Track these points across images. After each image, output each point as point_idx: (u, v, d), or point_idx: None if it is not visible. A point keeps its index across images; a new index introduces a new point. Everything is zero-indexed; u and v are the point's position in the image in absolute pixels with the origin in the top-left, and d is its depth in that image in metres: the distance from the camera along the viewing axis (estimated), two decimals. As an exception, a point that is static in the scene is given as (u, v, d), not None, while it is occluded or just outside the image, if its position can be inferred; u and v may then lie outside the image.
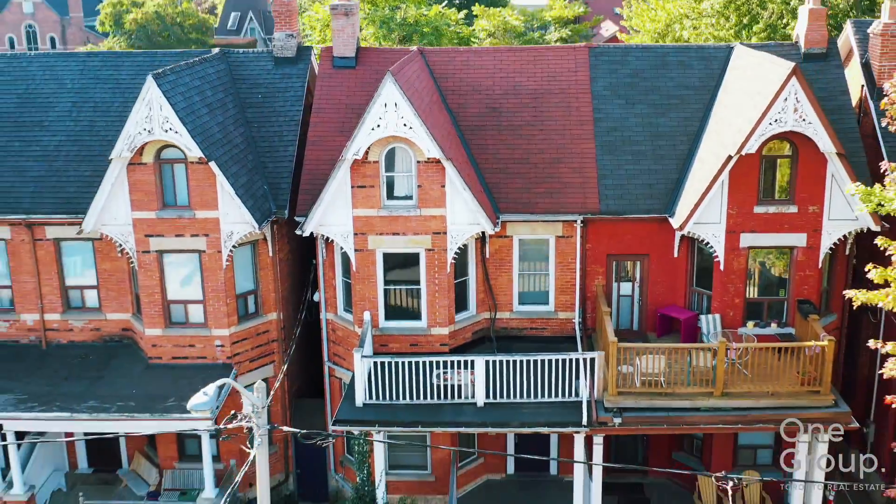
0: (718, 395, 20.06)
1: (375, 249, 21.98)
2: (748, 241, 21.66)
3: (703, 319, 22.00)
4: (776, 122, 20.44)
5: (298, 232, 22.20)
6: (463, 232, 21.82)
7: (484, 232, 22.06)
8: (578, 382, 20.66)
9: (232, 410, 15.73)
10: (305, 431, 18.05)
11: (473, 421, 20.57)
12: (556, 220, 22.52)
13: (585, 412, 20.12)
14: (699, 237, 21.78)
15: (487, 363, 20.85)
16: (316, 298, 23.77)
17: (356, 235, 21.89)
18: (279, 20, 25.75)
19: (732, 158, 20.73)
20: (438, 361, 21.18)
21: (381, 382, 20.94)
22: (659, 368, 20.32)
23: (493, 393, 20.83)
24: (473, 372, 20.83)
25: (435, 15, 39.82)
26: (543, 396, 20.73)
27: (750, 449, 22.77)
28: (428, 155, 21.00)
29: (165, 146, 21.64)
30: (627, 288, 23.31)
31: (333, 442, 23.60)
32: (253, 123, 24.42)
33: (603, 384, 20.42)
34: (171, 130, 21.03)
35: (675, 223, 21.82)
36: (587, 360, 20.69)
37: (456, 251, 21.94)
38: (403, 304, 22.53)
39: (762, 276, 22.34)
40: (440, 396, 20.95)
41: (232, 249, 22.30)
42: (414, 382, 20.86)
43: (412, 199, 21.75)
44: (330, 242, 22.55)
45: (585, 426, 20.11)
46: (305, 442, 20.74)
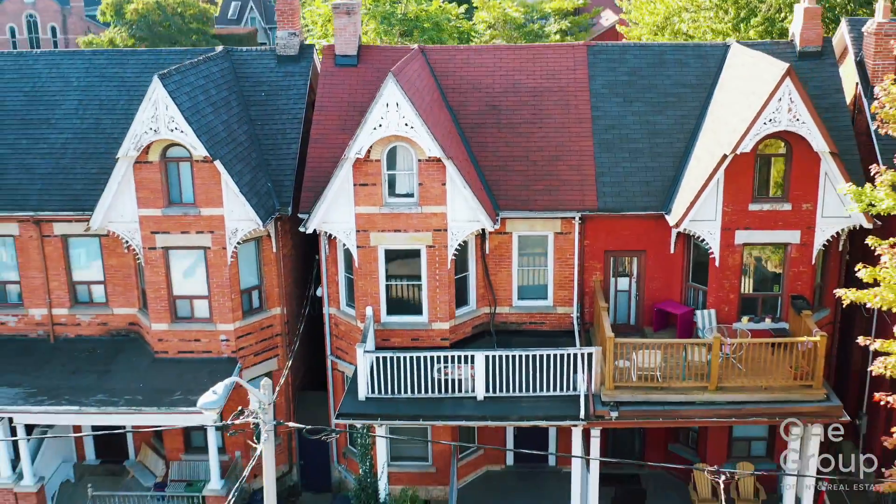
0: (713, 389, 20.47)
1: (377, 246, 22.32)
2: (743, 237, 22.01)
3: (698, 314, 22.40)
4: (770, 121, 20.75)
5: (302, 229, 22.52)
6: (463, 229, 22.17)
7: (484, 228, 22.40)
8: (576, 377, 21.06)
9: (238, 406, 16.00)
10: (311, 427, 18.41)
11: (473, 414, 20.99)
12: (554, 216, 22.86)
13: (583, 406, 20.53)
14: (695, 234, 22.13)
15: (487, 358, 21.24)
16: (319, 294, 24.17)
17: (358, 232, 22.23)
18: (282, 18, 26.03)
19: (728, 157, 21.05)
20: (439, 356, 21.59)
21: (382, 377, 21.37)
22: (655, 363, 20.72)
23: (492, 387, 21.24)
24: (473, 366, 21.25)
25: (435, 10, 40.05)
26: (542, 390, 21.14)
27: (744, 441, 23.13)
28: (429, 154, 21.32)
29: (171, 145, 21.95)
30: (625, 283, 23.66)
31: (337, 436, 24.03)
32: (256, 121, 24.74)
33: (600, 378, 20.83)
34: (176, 130, 21.34)
35: (671, 220, 22.17)
36: (585, 354, 21.11)
37: (456, 247, 22.29)
38: (405, 299, 22.89)
39: (757, 272, 22.71)
40: (441, 390, 21.37)
41: (236, 246, 22.66)
42: (415, 377, 21.29)
43: (413, 196, 22.09)
44: (333, 239, 22.90)
45: (583, 420, 20.51)
46: (310, 437, 21.16)
